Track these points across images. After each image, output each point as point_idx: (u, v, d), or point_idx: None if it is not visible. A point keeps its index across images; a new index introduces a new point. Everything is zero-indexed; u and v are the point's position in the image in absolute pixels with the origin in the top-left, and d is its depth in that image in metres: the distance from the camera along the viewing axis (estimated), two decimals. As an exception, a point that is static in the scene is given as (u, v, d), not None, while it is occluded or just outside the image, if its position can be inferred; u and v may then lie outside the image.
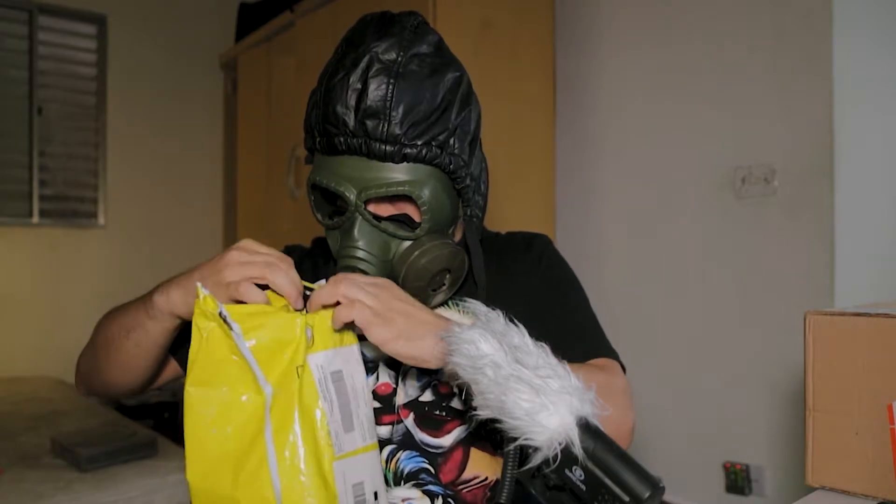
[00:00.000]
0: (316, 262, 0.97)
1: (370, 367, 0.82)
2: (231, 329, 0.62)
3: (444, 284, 0.81)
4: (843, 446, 0.77)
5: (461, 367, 0.57)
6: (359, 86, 0.75)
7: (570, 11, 2.34)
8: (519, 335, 0.58)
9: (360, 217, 0.77)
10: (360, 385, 0.68)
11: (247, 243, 0.71)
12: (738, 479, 1.84)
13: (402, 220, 0.81)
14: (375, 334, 0.65)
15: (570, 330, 0.85)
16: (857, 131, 1.71)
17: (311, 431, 0.63)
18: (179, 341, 0.81)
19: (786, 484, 1.77)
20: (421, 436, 0.79)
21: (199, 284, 0.64)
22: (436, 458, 0.79)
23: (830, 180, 1.69)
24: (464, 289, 0.87)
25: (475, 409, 0.56)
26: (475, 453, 0.79)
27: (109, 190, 3.37)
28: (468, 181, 0.81)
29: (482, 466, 0.79)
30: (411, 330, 0.66)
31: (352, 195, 0.76)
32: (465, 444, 0.79)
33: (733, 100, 1.89)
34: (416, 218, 0.81)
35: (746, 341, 1.85)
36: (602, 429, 0.53)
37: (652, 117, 2.11)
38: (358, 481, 0.65)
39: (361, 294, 0.65)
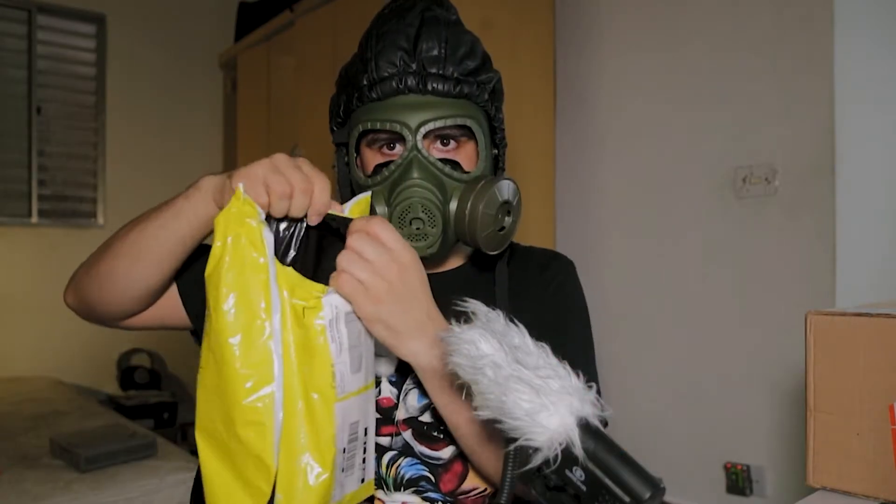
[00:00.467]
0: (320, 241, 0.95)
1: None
2: (265, 240, 0.62)
3: (503, 227, 0.78)
4: (844, 447, 0.77)
5: (461, 367, 0.57)
6: (414, 28, 0.77)
7: (570, 11, 2.33)
8: (519, 335, 0.58)
9: (418, 155, 0.75)
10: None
11: (299, 159, 0.68)
12: (738, 480, 1.84)
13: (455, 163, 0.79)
14: (358, 308, 0.64)
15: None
16: (858, 131, 1.71)
17: (317, 371, 0.62)
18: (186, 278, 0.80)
19: (787, 484, 1.77)
20: (420, 448, 0.79)
21: (240, 186, 0.62)
22: (436, 468, 0.79)
23: (831, 180, 1.69)
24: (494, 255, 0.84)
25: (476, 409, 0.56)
26: None
27: (109, 190, 3.37)
28: (505, 142, 0.83)
29: (482, 478, 0.79)
30: (397, 320, 0.65)
31: (409, 131, 0.75)
32: (464, 456, 0.78)
33: (734, 100, 1.89)
34: (465, 165, 0.79)
35: (747, 341, 1.85)
36: (602, 429, 0.53)
37: (652, 117, 2.11)
38: (354, 420, 0.65)
39: (361, 262, 0.63)
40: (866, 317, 0.76)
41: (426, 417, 0.80)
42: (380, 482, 0.79)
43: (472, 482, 0.79)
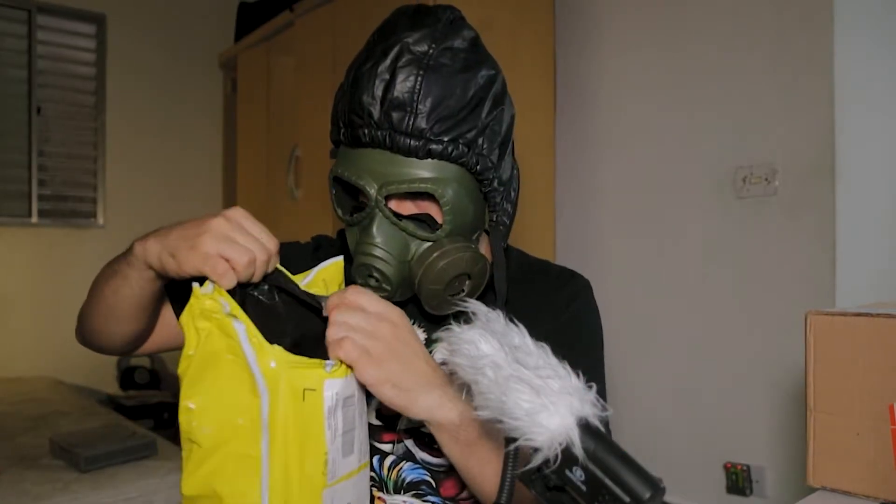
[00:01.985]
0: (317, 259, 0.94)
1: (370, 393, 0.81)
2: (236, 330, 0.59)
3: (462, 290, 0.77)
4: (844, 447, 0.77)
5: (461, 367, 0.57)
6: (387, 76, 0.72)
7: (570, 11, 2.33)
8: (519, 335, 0.58)
9: (380, 213, 0.74)
10: (364, 406, 0.66)
11: (236, 213, 0.67)
12: (738, 480, 1.84)
13: (424, 221, 0.78)
14: (362, 374, 0.62)
15: None
16: (859, 131, 1.71)
17: (309, 457, 0.60)
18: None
19: (787, 484, 1.77)
20: (422, 455, 0.79)
21: (196, 285, 0.61)
22: (438, 473, 0.79)
23: (832, 180, 1.69)
24: (482, 299, 0.84)
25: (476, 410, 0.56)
26: None
27: (108, 190, 3.37)
28: (496, 184, 0.77)
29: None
30: (404, 377, 0.64)
31: (372, 190, 0.73)
32: None
33: (734, 99, 1.89)
34: (439, 219, 0.77)
35: (747, 341, 1.85)
36: (602, 429, 0.53)
37: (652, 117, 2.11)
38: (346, 503, 0.63)
39: (353, 330, 0.63)
40: (866, 317, 0.76)
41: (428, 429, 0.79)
42: (381, 484, 0.79)
43: None
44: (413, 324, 0.80)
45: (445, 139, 0.72)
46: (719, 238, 1.92)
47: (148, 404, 3.15)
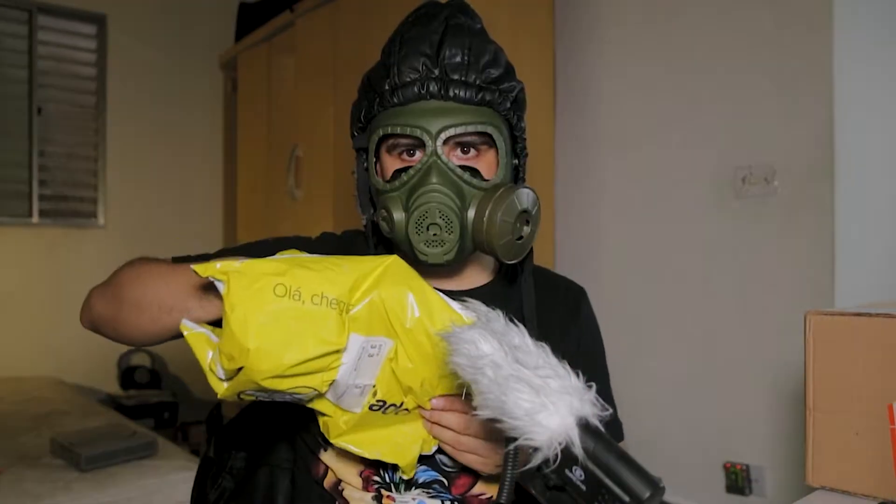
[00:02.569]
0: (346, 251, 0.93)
1: None
2: None
3: (521, 236, 0.78)
4: (843, 446, 0.77)
5: (461, 367, 0.57)
6: (438, 35, 0.77)
7: (570, 11, 2.33)
8: (519, 335, 0.58)
9: (437, 160, 0.74)
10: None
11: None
12: (738, 480, 1.84)
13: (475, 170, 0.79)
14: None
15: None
16: (858, 131, 1.71)
17: None
18: None
19: (786, 484, 1.77)
20: (440, 456, 0.79)
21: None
22: (450, 474, 0.80)
23: (831, 180, 1.69)
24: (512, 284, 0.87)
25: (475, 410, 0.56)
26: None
27: (109, 190, 3.37)
28: (526, 151, 0.84)
29: (489, 487, 0.80)
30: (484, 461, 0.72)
31: (430, 137, 0.74)
32: None
33: (733, 99, 1.89)
34: (485, 173, 0.78)
35: (747, 341, 1.85)
36: (602, 429, 0.53)
37: (652, 117, 2.11)
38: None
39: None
40: (865, 317, 0.76)
41: None
42: (391, 485, 0.79)
43: (481, 488, 0.80)
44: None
45: (495, 88, 0.78)
46: (719, 238, 1.92)
47: (148, 404, 3.15)
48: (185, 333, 0.65)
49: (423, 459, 0.78)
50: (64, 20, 3.28)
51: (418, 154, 0.78)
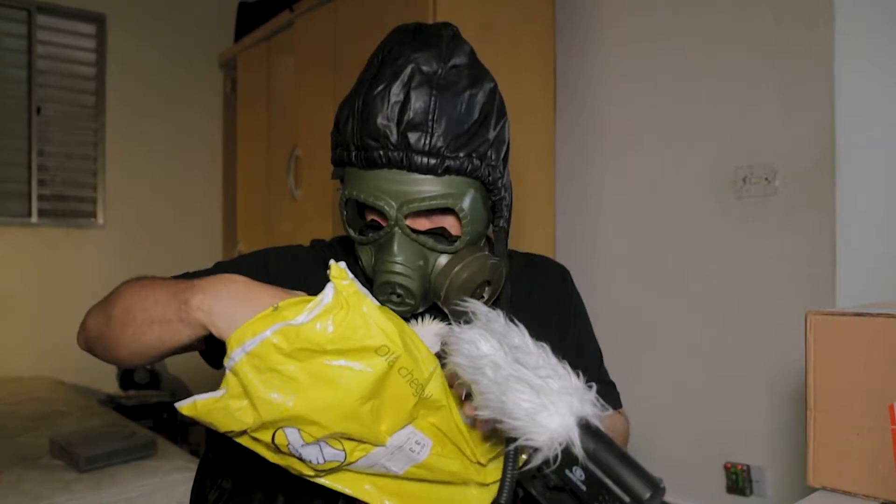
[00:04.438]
0: (316, 263, 0.92)
1: None
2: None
3: (482, 297, 0.81)
4: (844, 446, 0.77)
5: (461, 367, 0.57)
6: (401, 97, 0.74)
7: (570, 12, 2.33)
8: (519, 335, 0.58)
9: (399, 231, 0.77)
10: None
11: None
12: (738, 480, 1.84)
13: (440, 234, 0.81)
14: None
15: (592, 372, 0.90)
16: (859, 131, 1.71)
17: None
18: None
19: (787, 484, 1.77)
20: None
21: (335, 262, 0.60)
22: None
23: (832, 180, 1.69)
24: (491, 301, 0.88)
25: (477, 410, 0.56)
26: None
27: (108, 190, 3.37)
28: (503, 192, 0.82)
29: None
30: None
31: (392, 210, 0.76)
32: None
33: (734, 99, 1.89)
34: (453, 231, 0.81)
35: (747, 341, 1.85)
36: (602, 429, 0.53)
37: (652, 117, 2.11)
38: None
39: None
40: (866, 317, 0.76)
41: None
42: None
43: None
44: (433, 319, 0.85)
45: (461, 155, 0.76)
46: (719, 238, 1.92)
47: (148, 404, 3.15)
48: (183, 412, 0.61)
49: None
50: (63, 20, 3.27)
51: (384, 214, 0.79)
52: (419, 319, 0.85)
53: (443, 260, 0.78)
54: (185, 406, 0.60)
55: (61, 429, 2.05)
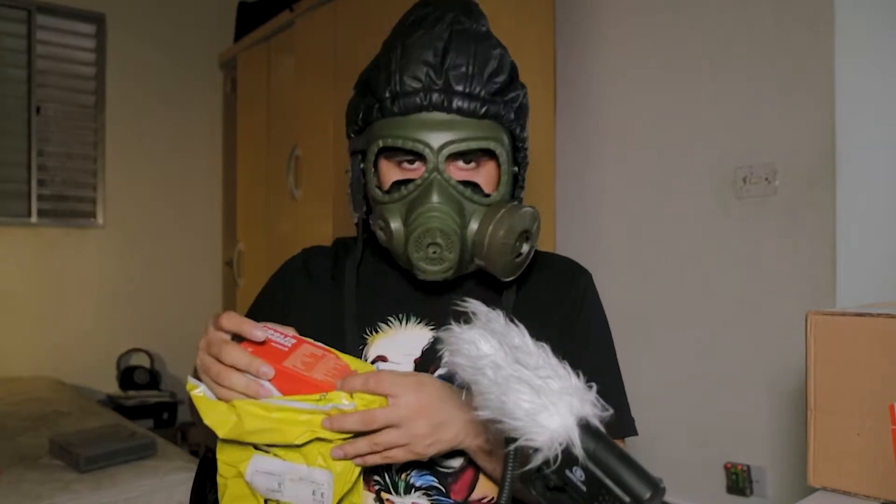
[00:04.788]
0: (337, 263, 0.92)
1: None
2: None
3: (520, 253, 0.77)
4: (844, 447, 0.77)
5: (461, 367, 0.57)
6: (442, 42, 0.74)
7: (570, 11, 2.33)
8: (519, 335, 0.57)
9: (439, 177, 0.73)
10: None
11: (224, 317, 0.68)
12: (739, 480, 1.84)
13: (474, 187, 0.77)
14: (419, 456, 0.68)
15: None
16: (859, 131, 1.71)
17: None
18: None
19: (787, 484, 1.77)
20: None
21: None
22: (446, 477, 0.78)
23: (832, 180, 1.69)
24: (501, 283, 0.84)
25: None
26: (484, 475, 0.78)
27: (108, 190, 3.37)
28: (527, 159, 0.82)
29: (491, 487, 0.79)
30: (435, 435, 0.67)
31: (431, 152, 0.73)
32: (475, 465, 0.78)
33: (734, 99, 1.89)
34: (485, 187, 0.78)
35: (747, 341, 1.85)
36: (602, 429, 0.53)
37: (652, 117, 2.11)
38: None
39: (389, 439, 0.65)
40: (867, 317, 0.76)
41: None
42: (389, 486, 0.79)
43: (482, 490, 0.79)
44: (418, 323, 0.82)
45: (499, 100, 0.75)
46: (719, 238, 1.92)
47: (148, 404, 3.15)
48: (190, 392, 0.68)
49: (418, 464, 0.77)
50: (63, 20, 3.28)
51: (418, 165, 0.77)
52: (402, 323, 0.83)
53: (475, 221, 0.75)
54: (191, 383, 0.68)
55: (61, 429, 2.05)
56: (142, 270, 3.41)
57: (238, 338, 0.69)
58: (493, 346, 0.56)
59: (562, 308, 0.87)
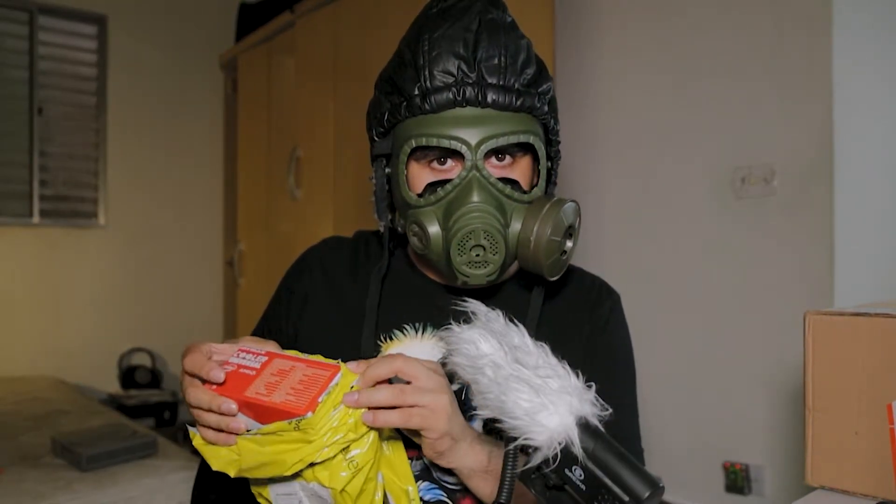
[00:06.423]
0: (357, 258, 0.89)
1: None
2: None
3: (565, 251, 0.74)
4: (842, 446, 0.77)
5: (461, 366, 0.58)
6: (472, 33, 0.70)
7: (570, 11, 2.34)
8: (519, 335, 0.58)
9: (477, 175, 0.70)
10: None
11: (187, 359, 0.66)
12: (737, 479, 1.84)
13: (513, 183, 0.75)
14: (433, 431, 0.63)
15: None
16: (857, 131, 1.71)
17: None
18: None
19: (786, 484, 1.77)
20: (438, 474, 0.77)
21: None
22: (454, 493, 0.78)
23: (830, 180, 1.69)
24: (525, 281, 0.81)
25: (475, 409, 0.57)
26: None
27: (109, 190, 3.37)
28: (559, 153, 0.79)
29: None
30: (458, 429, 0.65)
31: (469, 149, 0.69)
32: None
33: (733, 100, 1.89)
34: (522, 183, 0.75)
35: (746, 341, 1.85)
36: (601, 429, 0.53)
37: (652, 117, 2.11)
38: None
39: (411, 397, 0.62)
40: (865, 316, 0.76)
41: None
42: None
43: None
44: (432, 333, 0.80)
45: (533, 92, 0.72)
46: (718, 238, 1.92)
47: (149, 403, 3.16)
48: (193, 441, 0.68)
49: (425, 476, 0.77)
50: (64, 21, 3.28)
51: (451, 164, 0.74)
52: (417, 333, 0.81)
53: (517, 219, 0.71)
54: (192, 432, 0.68)
55: (63, 428, 2.05)
56: (143, 270, 3.42)
57: None
58: (492, 345, 0.56)
59: (584, 328, 0.83)
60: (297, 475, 0.64)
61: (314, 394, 0.61)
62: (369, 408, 0.61)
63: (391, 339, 0.81)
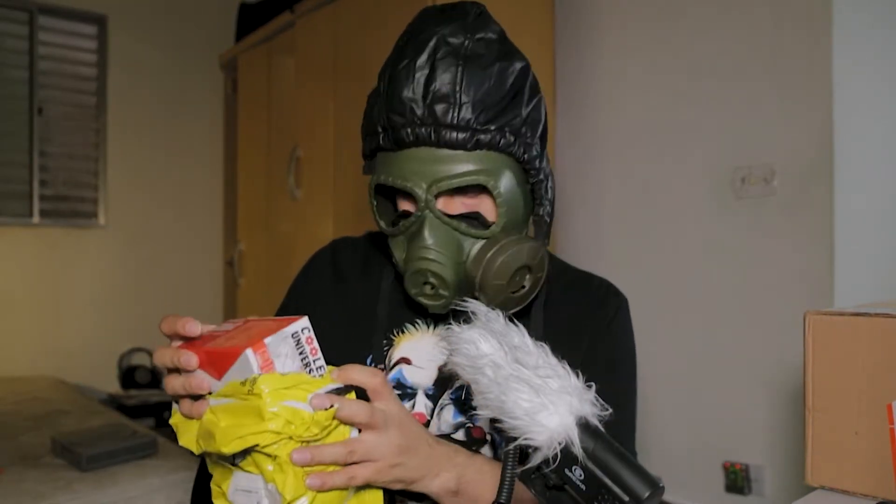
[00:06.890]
0: (367, 257, 0.91)
1: (409, 394, 0.80)
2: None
3: (523, 286, 0.74)
4: (842, 446, 0.77)
5: (461, 366, 0.58)
6: (426, 70, 0.70)
7: (569, 11, 2.34)
8: (519, 335, 0.58)
9: (430, 215, 0.71)
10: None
11: (163, 322, 0.65)
12: (737, 479, 1.84)
13: (475, 219, 0.75)
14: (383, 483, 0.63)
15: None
16: (857, 131, 1.71)
17: None
18: None
19: (785, 484, 1.77)
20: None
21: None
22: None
23: (830, 180, 1.69)
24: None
25: (475, 408, 0.57)
26: None
27: (110, 190, 3.37)
28: (541, 175, 0.76)
29: None
30: (412, 472, 0.64)
31: (421, 190, 0.70)
32: None
33: (733, 100, 1.89)
34: (490, 217, 0.75)
35: (746, 341, 1.85)
36: (601, 429, 0.53)
37: (652, 117, 2.11)
38: None
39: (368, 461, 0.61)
40: (865, 316, 0.76)
41: (459, 435, 0.79)
42: (403, 490, 0.78)
43: None
44: (432, 328, 0.80)
45: (492, 128, 0.70)
46: (718, 238, 1.92)
47: (149, 403, 3.16)
48: (171, 420, 0.66)
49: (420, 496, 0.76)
50: (64, 21, 3.28)
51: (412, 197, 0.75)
52: (429, 328, 0.82)
53: (479, 246, 0.72)
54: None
55: (63, 428, 2.05)
56: (143, 270, 3.42)
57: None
58: (492, 345, 0.56)
59: (588, 329, 0.83)
60: (259, 461, 0.60)
61: (264, 335, 0.59)
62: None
63: (403, 332, 0.83)
